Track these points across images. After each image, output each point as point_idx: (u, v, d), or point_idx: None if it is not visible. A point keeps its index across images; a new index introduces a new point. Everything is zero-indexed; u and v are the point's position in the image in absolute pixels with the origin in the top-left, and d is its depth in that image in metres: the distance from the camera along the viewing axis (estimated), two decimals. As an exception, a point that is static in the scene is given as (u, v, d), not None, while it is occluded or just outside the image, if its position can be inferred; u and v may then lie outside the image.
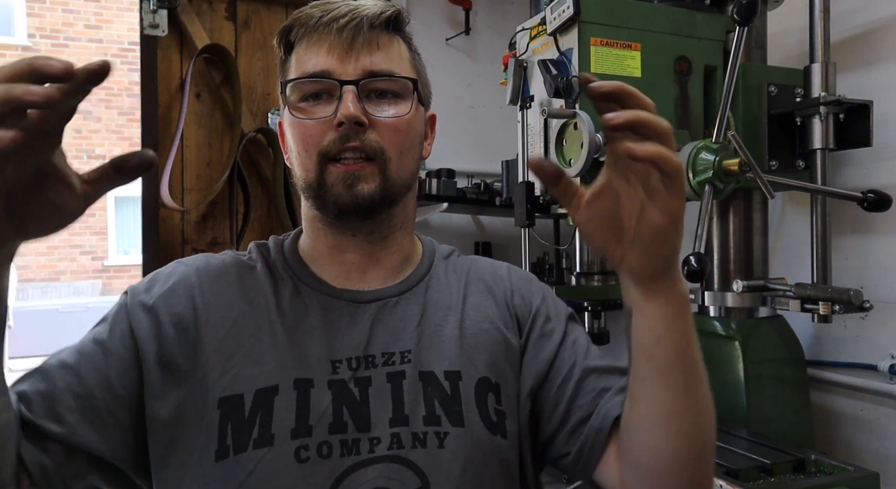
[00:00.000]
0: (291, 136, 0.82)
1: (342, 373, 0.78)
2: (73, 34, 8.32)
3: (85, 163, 8.28)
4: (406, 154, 0.82)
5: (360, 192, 0.78)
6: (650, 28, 1.35)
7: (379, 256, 0.86)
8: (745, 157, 1.09)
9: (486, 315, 0.87)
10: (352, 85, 0.78)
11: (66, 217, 0.59)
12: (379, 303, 0.84)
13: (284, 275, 0.86)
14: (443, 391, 0.79)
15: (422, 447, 0.75)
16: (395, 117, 0.81)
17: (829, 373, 1.68)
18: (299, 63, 0.81)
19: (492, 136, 2.62)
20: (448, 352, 0.82)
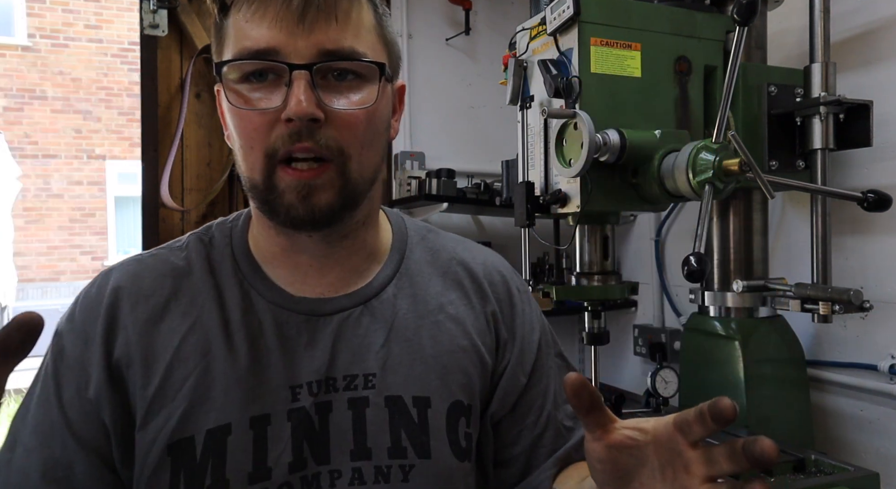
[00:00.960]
0: (232, 124, 0.69)
1: (303, 399, 0.70)
2: (73, 34, 8.32)
3: (85, 162, 8.28)
4: (368, 148, 0.69)
5: (317, 205, 0.66)
6: (650, 28, 1.35)
7: (338, 257, 0.75)
8: (745, 157, 1.09)
9: (466, 330, 0.79)
10: (304, 69, 0.64)
11: None
12: (341, 316, 0.74)
13: (233, 280, 0.74)
14: (410, 420, 0.72)
15: (384, 482, 0.70)
16: (358, 108, 0.67)
17: (829, 373, 1.68)
18: (238, 34, 0.66)
19: (492, 136, 2.62)
20: (418, 374, 0.74)
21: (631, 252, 2.50)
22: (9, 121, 7.97)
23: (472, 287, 0.82)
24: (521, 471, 0.83)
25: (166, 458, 0.67)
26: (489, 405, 0.81)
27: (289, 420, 0.69)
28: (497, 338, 0.82)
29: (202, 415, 0.68)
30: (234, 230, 0.78)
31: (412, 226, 0.86)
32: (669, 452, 0.55)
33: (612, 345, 1.62)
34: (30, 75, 8.11)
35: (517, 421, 0.82)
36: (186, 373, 0.69)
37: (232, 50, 0.67)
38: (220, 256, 0.76)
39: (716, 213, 1.58)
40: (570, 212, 1.34)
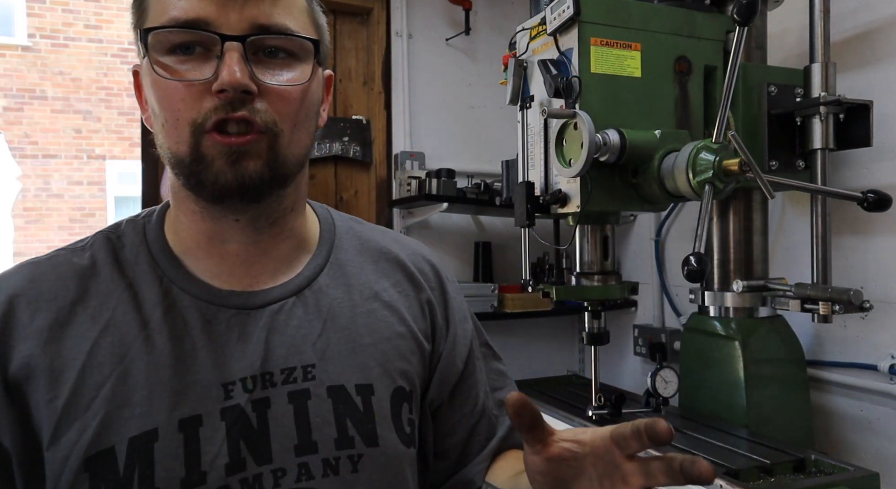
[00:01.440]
0: (154, 98, 0.65)
1: (237, 396, 0.66)
2: (73, 34, 8.31)
3: (85, 162, 8.28)
4: (300, 127, 0.68)
5: (246, 170, 0.63)
6: (650, 28, 1.35)
7: (266, 246, 0.72)
8: (745, 157, 1.09)
9: (402, 316, 0.78)
10: (237, 41, 0.62)
11: None
12: (273, 309, 0.71)
13: (150, 277, 0.69)
14: (355, 408, 0.71)
15: (334, 474, 0.68)
16: (290, 84, 0.66)
17: (829, 373, 1.68)
18: (164, 2, 0.63)
19: (492, 136, 2.62)
20: (360, 363, 0.73)
21: (631, 252, 2.50)
22: (9, 121, 7.96)
23: (403, 275, 0.82)
24: (456, 463, 0.84)
25: (83, 474, 0.61)
26: (428, 392, 0.81)
27: (222, 419, 0.65)
28: (433, 324, 0.82)
29: (122, 422, 0.63)
30: (148, 225, 0.74)
31: (338, 217, 0.84)
32: (606, 464, 0.57)
33: (612, 345, 1.62)
34: (30, 75, 8.10)
35: (455, 409, 0.83)
36: (101, 379, 0.64)
37: (157, 19, 0.64)
38: (132, 254, 0.71)
39: (716, 212, 1.58)
40: (570, 212, 1.34)
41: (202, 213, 0.69)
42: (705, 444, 1.33)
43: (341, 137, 2.44)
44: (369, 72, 2.53)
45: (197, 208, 0.69)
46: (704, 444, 1.33)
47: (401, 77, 2.51)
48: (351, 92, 2.52)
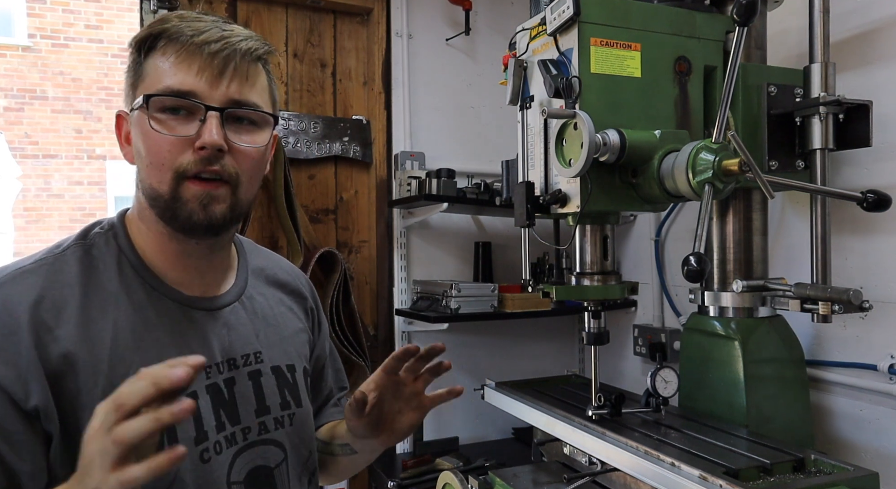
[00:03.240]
0: (143, 145, 0.83)
1: (213, 376, 0.90)
2: (73, 34, 8.31)
3: (85, 162, 8.28)
4: (254, 178, 0.89)
5: (214, 213, 0.83)
6: (650, 28, 1.35)
7: (216, 261, 0.95)
8: (745, 157, 1.09)
9: (299, 317, 1.09)
10: (217, 111, 0.82)
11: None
12: (227, 311, 0.94)
13: (137, 284, 0.87)
14: (287, 381, 1.00)
15: (281, 428, 0.96)
16: (253, 147, 0.86)
17: (829, 373, 1.68)
18: (160, 74, 0.82)
19: (492, 136, 2.62)
20: (284, 349, 1.02)
21: (631, 252, 2.50)
22: (9, 121, 7.96)
23: (290, 289, 1.10)
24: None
25: None
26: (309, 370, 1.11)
27: (207, 393, 0.88)
28: (313, 323, 1.13)
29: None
30: (119, 240, 0.90)
31: (240, 238, 1.07)
32: (393, 388, 0.96)
33: (612, 345, 1.62)
34: (30, 75, 8.10)
35: (319, 383, 1.17)
36: (125, 369, 0.79)
37: (153, 86, 0.82)
38: (115, 263, 0.87)
39: (716, 213, 1.58)
40: (570, 212, 1.34)
41: (170, 235, 0.88)
42: (705, 444, 1.33)
43: (341, 137, 2.44)
44: (369, 72, 2.53)
45: (166, 232, 0.87)
46: (704, 444, 1.33)
47: (401, 77, 2.51)
48: (351, 92, 2.53)
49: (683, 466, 1.20)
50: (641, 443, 1.31)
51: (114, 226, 0.91)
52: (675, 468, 1.21)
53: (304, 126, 2.38)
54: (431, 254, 2.55)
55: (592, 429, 1.44)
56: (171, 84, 0.81)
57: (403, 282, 2.49)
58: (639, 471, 1.27)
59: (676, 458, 1.23)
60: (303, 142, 2.37)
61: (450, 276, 2.55)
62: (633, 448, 1.31)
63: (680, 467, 1.21)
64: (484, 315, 2.33)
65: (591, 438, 1.41)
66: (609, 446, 1.35)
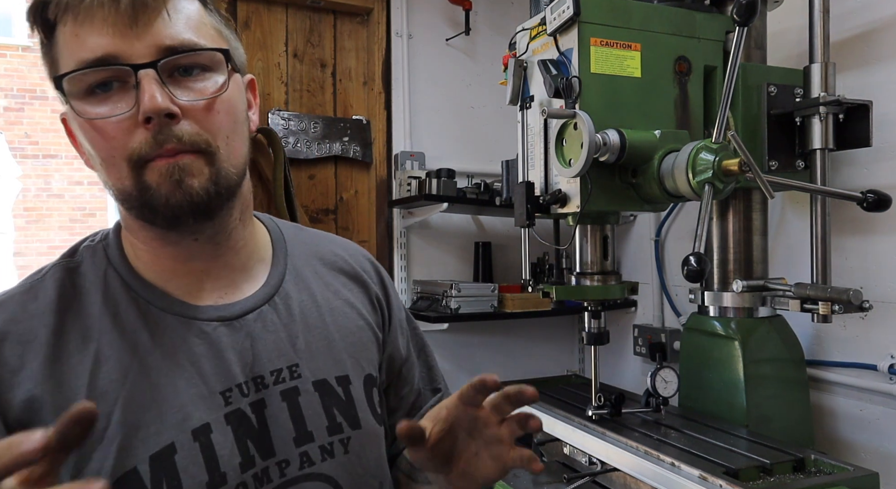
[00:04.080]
0: (87, 140, 0.66)
1: (235, 401, 0.71)
2: (73, 34, 8.32)
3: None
4: (234, 136, 0.69)
5: (192, 187, 0.65)
6: (650, 28, 1.35)
7: (227, 258, 0.76)
8: (745, 157, 1.09)
9: (359, 311, 0.87)
10: (149, 68, 0.63)
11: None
12: (250, 318, 0.75)
13: (127, 301, 0.70)
14: (339, 398, 0.79)
15: (330, 458, 0.76)
16: (209, 97, 0.66)
17: (829, 373, 1.68)
18: (70, 47, 0.64)
19: (492, 136, 2.62)
20: (335, 357, 0.80)
21: (631, 252, 2.50)
22: (9, 121, 7.96)
23: (351, 275, 0.89)
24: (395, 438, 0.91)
25: None
26: (380, 375, 0.89)
27: (228, 424, 0.70)
28: (381, 316, 0.91)
29: (139, 444, 0.65)
30: (109, 250, 0.74)
31: (283, 225, 0.89)
32: (468, 422, 0.70)
33: (612, 345, 1.62)
34: (30, 75, 8.09)
35: (398, 390, 0.93)
36: (108, 407, 0.65)
37: (67, 65, 0.64)
38: (100, 280, 0.72)
39: (716, 212, 1.58)
40: (570, 212, 1.34)
41: (161, 239, 0.71)
42: (705, 444, 1.33)
43: (341, 137, 2.44)
44: (369, 72, 2.53)
45: (154, 236, 0.71)
46: (704, 444, 1.33)
47: (401, 77, 2.51)
48: (351, 92, 2.52)
49: (683, 466, 1.20)
50: (641, 443, 1.31)
51: (106, 236, 0.76)
52: (675, 468, 1.21)
53: (304, 126, 2.38)
54: (431, 254, 2.55)
55: (592, 429, 1.44)
56: (83, 55, 0.63)
57: (403, 282, 2.49)
58: (639, 471, 1.27)
59: (676, 458, 1.23)
60: (303, 142, 2.37)
61: (450, 276, 2.55)
62: (633, 448, 1.31)
63: (680, 467, 1.21)
64: (484, 315, 2.33)
65: (591, 438, 1.41)
66: (609, 446, 1.35)
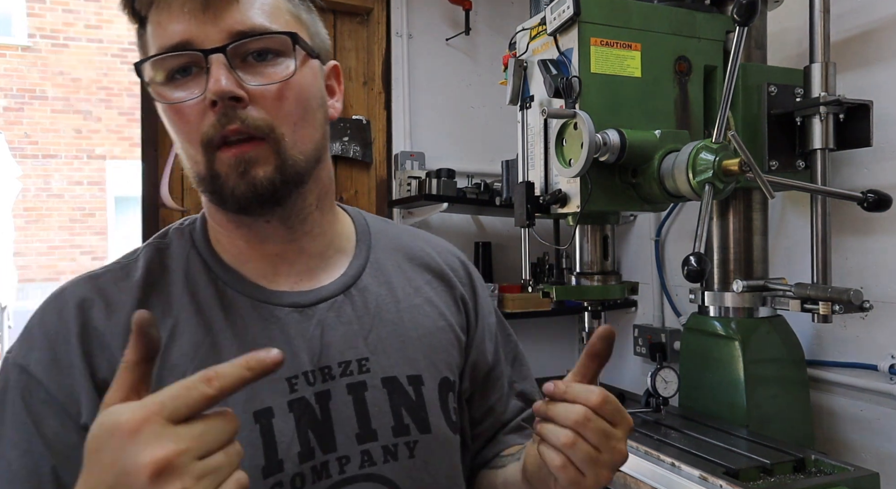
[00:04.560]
0: (168, 125, 0.69)
1: (301, 389, 0.70)
2: (73, 34, 8.31)
3: (85, 162, 8.28)
4: (302, 124, 0.69)
5: (256, 178, 0.66)
6: (650, 28, 1.35)
7: (302, 244, 0.76)
8: (745, 157, 1.09)
9: (441, 311, 0.83)
10: (217, 53, 0.64)
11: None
12: (324, 306, 0.74)
13: (206, 281, 0.73)
14: (408, 398, 0.75)
15: (393, 460, 0.72)
16: (277, 82, 0.67)
17: (829, 373, 1.68)
18: (155, 36, 0.67)
19: (492, 136, 2.62)
20: (408, 355, 0.77)
21: (631, 252, 2.50)
22: (9, 121, 7.96)
23: (437, 273, 0.86)
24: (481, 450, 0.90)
25: None
26: (462, 381, 0.86)
27: (290, 411, 0.69)
28: (467, 317, 0.87)
29: None
30: (194, 233, 0.77)
31: (371, 218, 0.88)
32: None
33: (612, 345, 1.62)
34: (30, 75, 8.10)
35: (484, 399, 0.89)
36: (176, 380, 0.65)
37: (151, 52, 0.67)
38: (184, 260, 0.74)
39: (716, 212, 1.58)
40: (570, 212, 1.34)
41: (235, 221, 0.73)
42: (705, 444, 1.33)
43: (341, 137, 2.44)
44: (369, 72, 2.53)
45: (229, 218, 0.73)
46: (704, 444, 1.33)
47: (401, 77, 2.51)
48: (351, 92, 2.52)
49: (683, 466, 1.20)
50: (641, 443, 1.31)
51: (194, 220, 0.78)
52: (676, 468, 1.21)
53: (303, 126, 2.38)
54: (431, 254, 2.55)
55: (592, 429, 1.44)
56: (162, 42, 0.66)
57: (403, 282, 2.49)
58: (639, 471, 1.27)
59: (676, 458, 1.23)
60: (303, 142, 2.37)
61: (450, 276, 2.54)
62: (633, 448, 1.31)
63: (680, 467, 1.21)
64: (484, 315, 2.32)
65: (591, 438, 1.41)
66: (609, 446, 1.35)
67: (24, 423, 0.63)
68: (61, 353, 0.66)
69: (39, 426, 0.63)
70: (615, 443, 0.64)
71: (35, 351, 0.66)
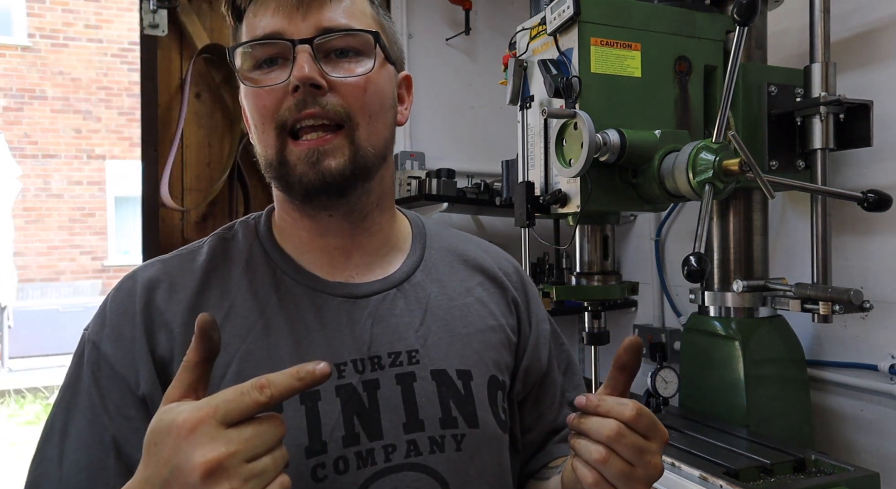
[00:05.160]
0: (248, 109, 0.74)
1: (348, 376, 0.72)
2: (73, 34, 8.32)
3: (84, 162, 8.28)
4: (376, 118, 0.74)
5: (328, 168, 0.70)
6: (650, 28, 1.35)
7: (360, 240, 0.79)
8: (746, 157, 1.09)
9: (492, 311, 0.84)
10: (305, 44, 0.70)
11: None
12: (377, 299, 0.77)
13: (265, 269, 0.77)
14: (457, 391, 0.76)
15: (440, 451, 0.73)
16: (357, 76, 0.72)
17: (829, 373, 1.68)
18: (249, 28, 0.73)
19: (492, 136, 2.62)
20: (458, 350, 0.78)
21: (631, 252, 2.50)
22: (9, 121, 7.96)
23: (490, 277, 0.88)
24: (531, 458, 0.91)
25: None
26: (514, 384, 0.86)
27: (337, 396, 0.71)
28: (518, 320, 0.88)
29: None
30: (259, 225, 0.81)
31: (428, 222, 0.91)
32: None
33: (612, 345, 1.61)
34: (30, 75, 8.10)
35: (536, 406, 0.89)
36: (228, 358, 0.70)
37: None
38: (247, 249, 0.79)
39: (716, 212, 1.58)
40: (570, 212, 1.34)
41: (299, 211, 0.77)
42: (705, 444, 1.33)
43: (341, 137, 2.44)
44: (369, 72, 2.52)
45: (294, 207, 0.77)
46: (704, 444, 1.33)
47: (401, 77, 2.51)
48: (351, 92, 2.52)
49: (684, 466, 1.20)
50: (641, 444, 1.31)
51: (260, 215, 0.83)
52: (676, 468, 1.21)
53: (303, 126, 2.38)
54: (431, 254, 2.55)
55: (592, 429, 1.44)
56: (255, 33, 0.72)
57: (403, 282, 2.49)
58: (639, 472, 1.27)
59: (677, 458, 1.23)
60: (303, 142, 2.37)
61: (450, 276, 2.54)
62: (633, 448, 1.31)
63: (680, 467, 1.21)
64: (484, 315, 2.32)
65: (591, 438, 1.41)
66: (609, 446, 1.35)
67: (92, 395, 0.69)
68: (125, 329, 0.71)
69: (104, 399, 0.69)
70: (650, 458, 0.64)
71: (105, 328, 0.72)
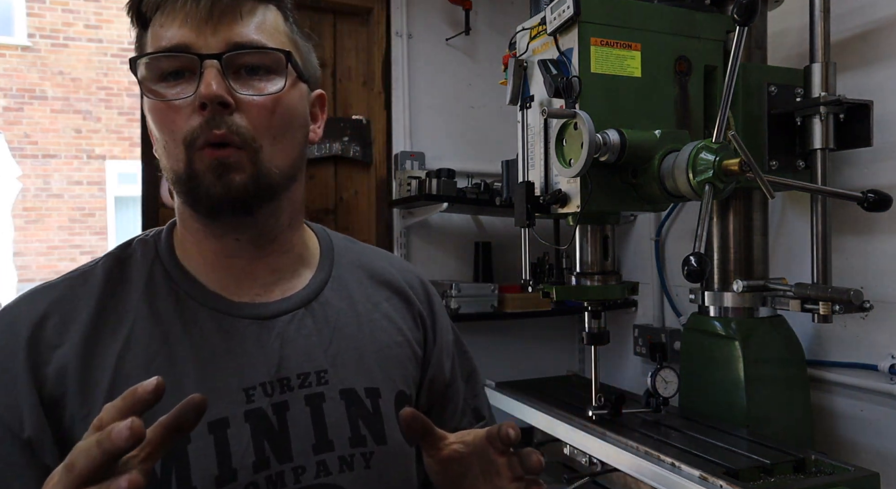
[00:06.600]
0: (152, 122, 0.71)
1: (258, 400, 0.71)
2: (72, 34, 8.31)
3: (85, 162, 8.28)
4: (281, 139, 0.72)
5: (232, 183, 0.68)
6: (650, 28, 1.35)
7: (270, 261, 0.77)
8: (745, 156, 1.09)
9: (399, 326, 0.85)
10: (213, 59, 0.67)
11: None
12: (284, 319, 0.76)
13: (166, 291, 0.73)
14: (366, 409, 0.77)
15: (349, 470, 0.73)
16: (265, 95, 0.70)
17: (829, 373, 1.68)
18: (154, 38, 0.70)
19: (492, 136, 2.62)
20: (366, 368, 0.79)
21: (631, 252, 2.50)
22: (9, 121, 7.95)
23: (396, 291, 0.89)
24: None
25: None
26: (419, 395, 0.88)
27: (246, 421, 0.70)
28: (424, 334, 0.89)
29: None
30: (159, 244, 0.78)
31: (335, 236, 0.90)
32: (485, 460, 0.68)
33: (612, 345, 1.62)
34: (30, 75, 8.09)
35: (441, 414, 0.91)
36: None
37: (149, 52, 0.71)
38: (147, 270, 0.75)
39: (716, 213, 1.58)
40: (570, 212, 1.34)
41: (205, 231, 0.74)
42: (705, 444, 1.33)
43: (341, 137, 2.44)
44: (369, 72, 2.53)
45: (200, 227, 0.74)
46: (704, 444, 1.33)
47: (401, 77, 2.51)
48: (351, 92, 2.52)
49: (683, 467, 1.20)
50: (641, 444, 1.31)
51: (160, 231, 0.79)
52: (676, 468, 1.21)
53: (303, 126, 2.38)
54: (431, 254, 2.55)
55: (592, 429, 1.44)
56: (161, 44, 0.68)
57: (403, 282, 2.49)
58: (639, 472, 1.27)
59: (676, 459, 1.23)
60: (302, 142, 2.37)
61: (450, 276, 2.54)
62: (633, 448, 1.31)
63: (680, 467, 1.21)
64: (484, 315, 2.32)
65: (591, 439, 1.41)
66: (609, 446, 1.35)
67: None
68: (7, 367, 0.67)
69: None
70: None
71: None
